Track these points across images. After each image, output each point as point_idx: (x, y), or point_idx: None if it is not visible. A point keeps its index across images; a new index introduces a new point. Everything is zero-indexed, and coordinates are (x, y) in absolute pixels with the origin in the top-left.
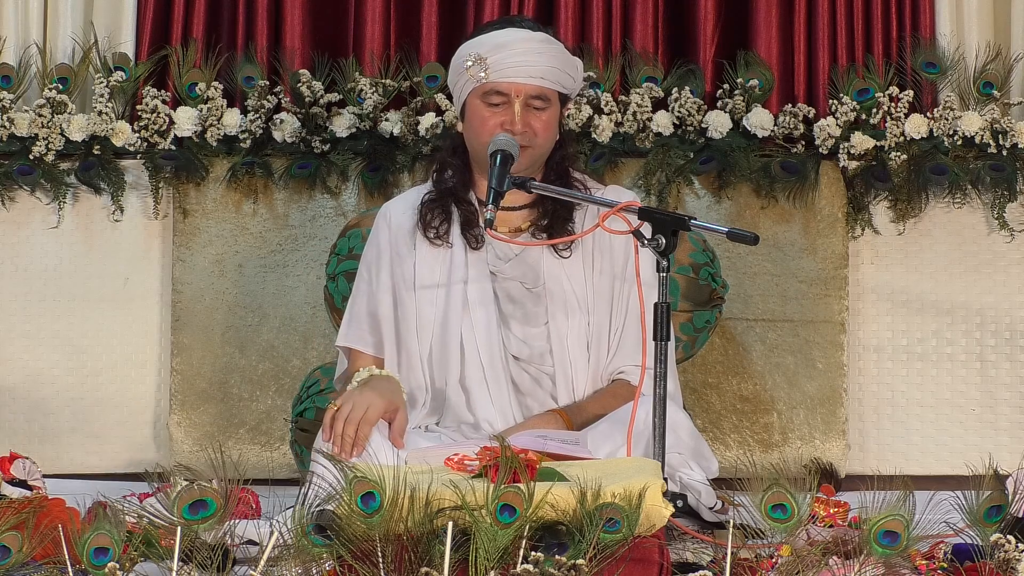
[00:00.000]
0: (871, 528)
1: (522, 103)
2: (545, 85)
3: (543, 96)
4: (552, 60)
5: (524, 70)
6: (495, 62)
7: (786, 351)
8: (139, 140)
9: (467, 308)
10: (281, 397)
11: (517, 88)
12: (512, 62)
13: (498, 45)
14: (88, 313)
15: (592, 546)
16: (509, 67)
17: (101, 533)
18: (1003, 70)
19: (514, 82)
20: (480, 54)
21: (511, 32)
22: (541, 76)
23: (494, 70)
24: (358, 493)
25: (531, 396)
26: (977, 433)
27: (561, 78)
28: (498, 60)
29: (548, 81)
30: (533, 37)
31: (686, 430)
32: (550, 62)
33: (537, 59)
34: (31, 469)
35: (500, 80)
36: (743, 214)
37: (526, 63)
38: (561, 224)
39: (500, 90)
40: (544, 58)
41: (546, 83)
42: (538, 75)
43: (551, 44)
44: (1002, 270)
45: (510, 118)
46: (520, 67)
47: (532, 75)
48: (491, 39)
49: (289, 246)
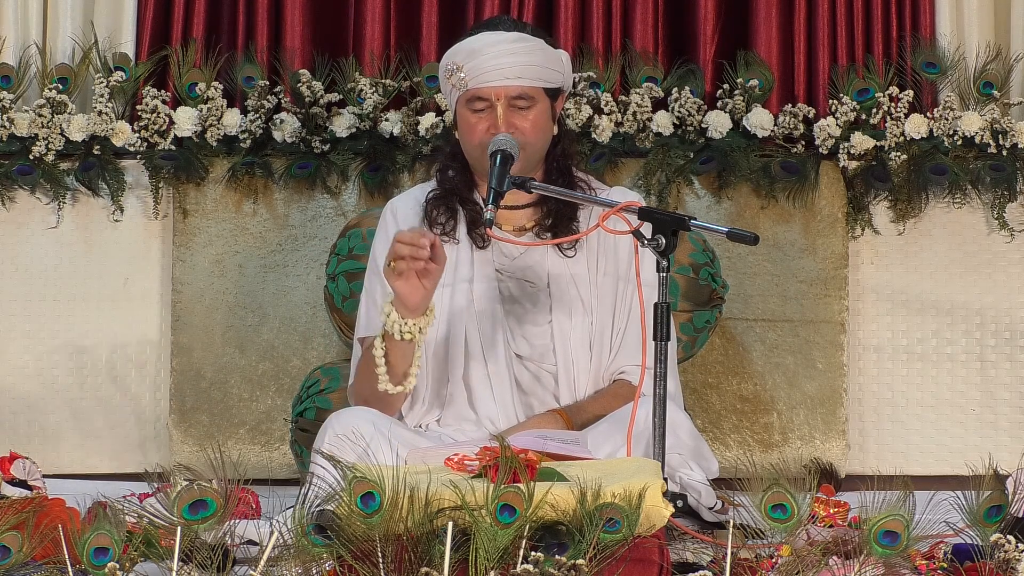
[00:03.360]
0: (871, 528)
1: (504, 106)
2: (524, 84)
3: (525, 95)
4: (528, 58)
5: (499, 73)
6: (471, 69)
7: (786, 351)
8: (139, 140)
9: (472, 306)
10: (281, 397)
11: (496, 92)
12: (487, 66)
13: (471, 52)
14: (88, 313)
15: (592, 546)
16: (484, 72)
17: (101, 533)
18: (1003, 70)
19: (492, 86)
20: (457, 63)
21: (484, 36)
22: (518, 76)
23: (471, 77)
24: (358, 493)
25: (533, 394)
26: (977, 433)
27: (542, 74)
28: (473, 67)
29: (527, 79)
30: (505, 39)
31: (686, 430)
32: (526, 60)
33: (511, 60)
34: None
35: (479, 86)
36: (743, 214)
37: (500, 66)
38: (565, 223)
39: (480, 95)
40: (519, 58)
41: (524, 82)
42: (515, 76)
43: (525, 42)
44: (1002, 270)
45: (494, 122)
46: (495, 70)
47: (508, 76)
48: (465, 46)
49: (289, 246)
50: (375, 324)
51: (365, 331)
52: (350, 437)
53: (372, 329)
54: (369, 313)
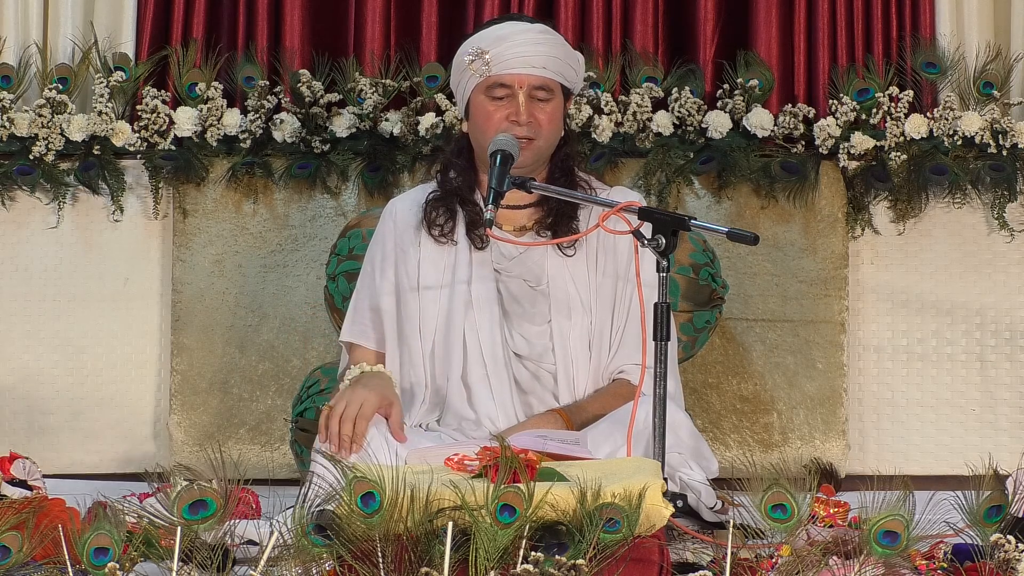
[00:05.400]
0: (871, 528)
1: (526, 94)
2: (547, 76)
3: (546, 87)
4: (553, 50)
5: (526, 60)
6: (496, 55)
7: (786, 351)
8: (139, 140)
9: (471, 306)
10: (281, 397)
11: (520, 79)
12: (513, 52)
13: (499, 38)
14: (88, 313)
15: (592, 546)
16: (511, 58)
17: (101, 533)
18: (1003, 70)
19: (517, 73)
20: (481, 48)
21: (511, 25)
22: (543, 66)
23: (496, 63)
24: (358, 493)
25: (532, 394)
26: (977, 433)
27: (563, 69)
28: (499, 52)
29: (550, 71)
30: (533, 28)
31: (686, 430)
32: (551, 52)
33: (538, 49)
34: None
35: (503, 72)
36: (743, 214)
37: (527, 53)
38: (565, 223)
39: (503, 82)
40: (545, 48)
41: (548, 73)
42: (540, 65)
43: (551, 34)
44: (1002, 270)
45: (515, 110)
46: (522, 57)
47: (534, 65)
48: (491, 33)
49: (289, 246)
50: (357, 330)
51: (349, 335)
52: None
53: (354, 334)
54: (354, 318)
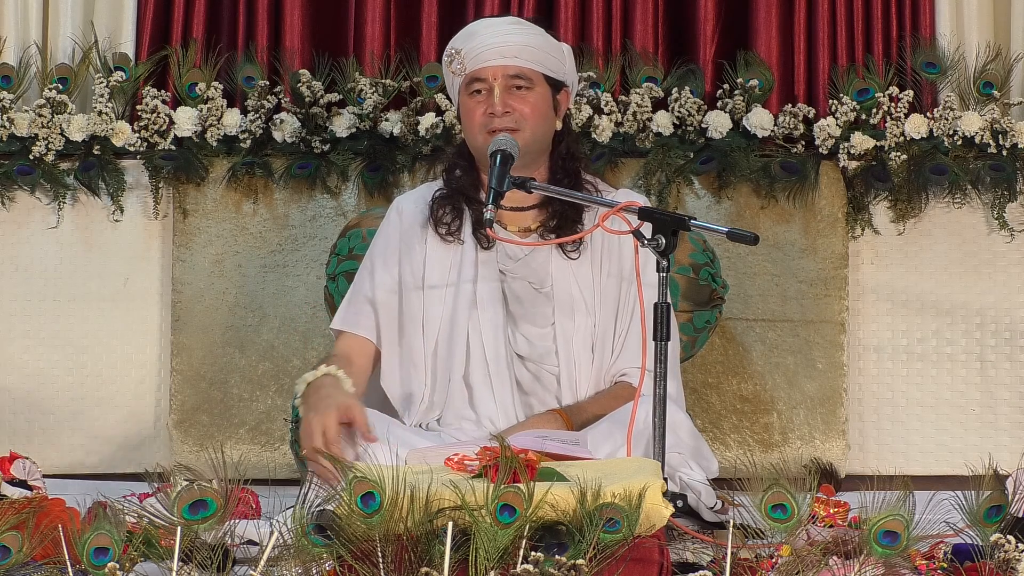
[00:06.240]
0: (871, 528)
1: (502, 86)
2: (522, 64)
3: (523, 75)
4: (527, 39)
5: (497, 51)
6: (469, 50)
7: (786, 351)
8: (139, 140)
9: (475, 306)
10: (281, 397)
11: (493, 71)
12: (485, 45)
13: (470, 34)
14: (88, 313)
15: (592, 546)
16: (482, 51)
17: (101, 533)
18: (1003, 70)
19: (490, 65)
20: (455, 47)
21: (482, 21)
22: (515, 55)
23: (469, 59)
24: (358, 493)
25: (533, 394)
26: (977, 433)
27: (541, 58)
28: (472, 48)
29: (524, 60)
30: (503, 20)
31: (686, 430)
32: (524, 41)
33: (509, 39)
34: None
35: (477, 67)
36: (743, 214)
37: (497, 44)
38: (569, 225)
39: (478, 76)
40: (517, 37)
41: (522, 62)
42: (511, 54)
43: (523, 25)
44: (1002, 270)
45: (492, 102)
46: (492, 48)
47: (505, 55)
48: (464, 32)
49: (289, 246)
50: (350, 319)
51: (341, 324)
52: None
53: (346, 323)
54: (347, 307)
